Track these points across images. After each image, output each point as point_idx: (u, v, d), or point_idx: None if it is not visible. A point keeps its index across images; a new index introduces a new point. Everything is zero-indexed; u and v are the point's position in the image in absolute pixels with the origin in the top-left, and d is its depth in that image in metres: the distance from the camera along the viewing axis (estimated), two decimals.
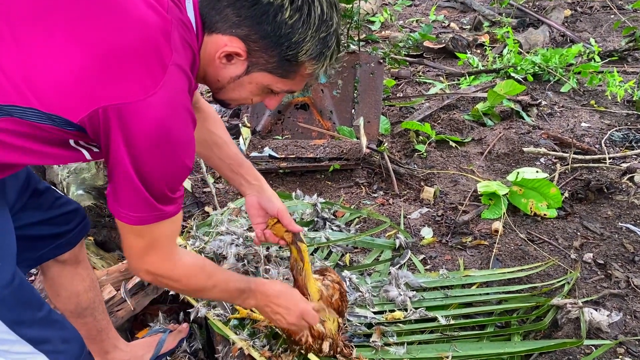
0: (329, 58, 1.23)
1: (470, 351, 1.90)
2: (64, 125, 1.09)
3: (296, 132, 3.83)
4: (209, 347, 2.09)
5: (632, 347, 2.04)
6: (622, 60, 5.31)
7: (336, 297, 1.76)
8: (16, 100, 1.05)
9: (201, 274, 1.40)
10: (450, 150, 3.74)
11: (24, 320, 1.26)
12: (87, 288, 1.71)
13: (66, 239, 1.59)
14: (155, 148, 1.09)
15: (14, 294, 1.23)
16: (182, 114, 1.13)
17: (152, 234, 1.22)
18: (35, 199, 1.49)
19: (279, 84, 1.26)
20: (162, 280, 1.34)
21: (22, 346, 1.26)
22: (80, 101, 1.06)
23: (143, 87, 1.06)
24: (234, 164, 1.69)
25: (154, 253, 1.26)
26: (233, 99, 1.33)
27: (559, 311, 2.14)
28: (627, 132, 3.89)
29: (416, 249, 2.68)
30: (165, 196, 1.17)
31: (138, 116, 1.06)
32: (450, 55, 5.68)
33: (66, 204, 1.59)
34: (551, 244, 2.68)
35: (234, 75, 1.24)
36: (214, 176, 3.41)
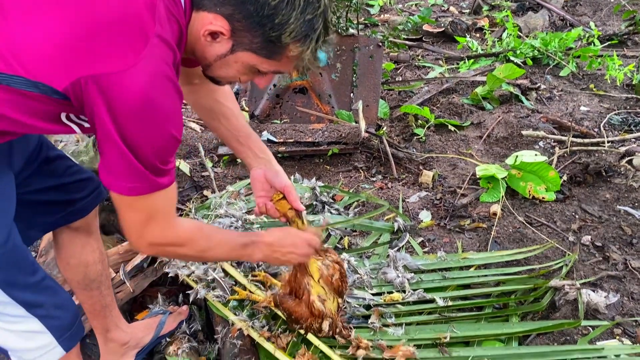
0: (314, 41, 1.22)
1: (468, 332, 1.91)
2: (50, 93, 1.10)
3: (295, 116, 3.81)
4: (209, 328, 2.10)
5: (629, 328, 2.05)
6: (621, 44, 5.29)
7: (336, 277, 1.76)
8: (2, 68, 1.07)
9: (201, 234, 1.40)
10: (449, 134, 3.73)
11: (16, 282, 1.27)
12: (96, 260, 1.74)
13: (79, 206, 1.61)
14: (138, 118, 1.09)
15: (7, 255, 1.25)
16: (164, 85, 1.13)
17: (148, 206, 1.22)
18: (47, 166, 1.51)
19: (264, 64, 1.25)
20: (167, 249, 1.35)
21: (15, 308, 1.28)
22: (63, 70, 1.07)
23: (124, 58, 1.07)
24: (241, 136, 1.69)
25: (153, 225, 1.26)
26: (221, 77, 1.33)
27: (556, 293, 2.15)
28: (626, 115, 3.89)
29: (415, 232, 2.69)
30: (156, 167, 1.17)
31: (119, 86, 1.07)
32: (449, 39, 5.65)
33: (79, 172, 1.61)
34: (549, 227, 2.68)
35: (220, 54, 1.24)
36: (212, 160, 3.40)
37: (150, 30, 1.11)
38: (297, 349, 1.80)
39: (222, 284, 2.01)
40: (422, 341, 1.87)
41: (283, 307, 1.74)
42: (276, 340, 1.83)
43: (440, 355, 1.80)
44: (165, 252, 1.40)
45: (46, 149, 1.52)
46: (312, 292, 1.69)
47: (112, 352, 1.87)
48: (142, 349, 1.95)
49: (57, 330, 1.36)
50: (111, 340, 1.85)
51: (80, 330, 1.44)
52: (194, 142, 3.48)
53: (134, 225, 1.26)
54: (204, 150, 3.39)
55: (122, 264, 2.12)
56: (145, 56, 1.09)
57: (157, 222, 1.26)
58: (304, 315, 1.71)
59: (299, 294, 1.70)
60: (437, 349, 1.83)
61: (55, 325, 1.35)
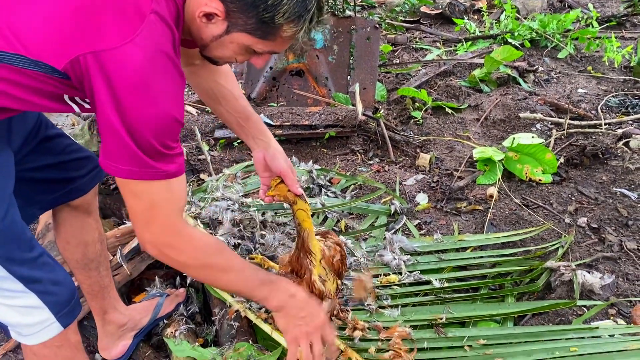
0: (308, 21, 1.21)
1: (464, 313, 1.92)
2: (50, 72, 1.11)
3: (291, 99, 3.80)
4: (206, 310, 2.11)
5: (624, 308, 2.07)
6: (620, 25, 5.27)
7: (337, 259, 1.77)
8: (3, 47, 1.08)
9: (209, 248, 1.34)
10: (446, 117, 3.73)
11: (14, 257, 1.28)
12: (95, 239, 1.74)
13: (78, 184, 1.62)
14: (135, 94, 1.09)
15: (5, 231, 1.26)
16: (162, 62, 1.13)
17: (149, 194, 1.20)
18: (46, 144, 1.52)
19: (259, 45, 1.25)
20: (166, 252, 1.28)
21: (13, 283, 1.29)
22: (61, 48, 1.08)
23: (121, 34, 1.08)
24: (241, 118, 1.68)
25: (155, 220, 1.23)
26: (218, 57, 1.33)
27: (552, 274, 2.16)
28: (624, 97, 3.88)
29: (411, 214, 2.69)
30: (156, 150, 1.15)
31: (117, 62, 1.07)
32: (447, 21, 5.61)
33: (78, 151, 1.62)
34: (546, 209, 2.69)
35: (215, 35, 1.24)
36: (208, 144, 3.39)
37: (147, 6, 1.11)
38: None
39: None
40: (418, 322, 1.88)
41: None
42: (273, 322, 1.84)
43: (436, 335, 1.82)
44: (166, 257, 1.30)
45: (45, 128, 1.53)
46: (314, 272, 1.70)
47: (109, 334, 1.88)
48: (140, 330, 1.96)
49: (55, 306, 1.36)
50: (109, 322, 1.86)
51: (78, 307, 1.45)
52: (190, 126, 3.47)
53: (137, 215, 1.24)
54: (200, 134, 3.38)
55: (119, 246, 2.13)
56: (143, 31, 1.09)
57: (158, 217, 1.23)
58: None
59: (300, 274, 1.71)
60: (433, 330, 1.84)
61: (52, 301, 1.36)
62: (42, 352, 1.41)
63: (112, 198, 2.55)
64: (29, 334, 1.37)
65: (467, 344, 1.78)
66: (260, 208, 2.32)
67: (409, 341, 1.77)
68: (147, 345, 2.00)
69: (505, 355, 1.72)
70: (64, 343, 1.42)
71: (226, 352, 1.76)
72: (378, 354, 1.73)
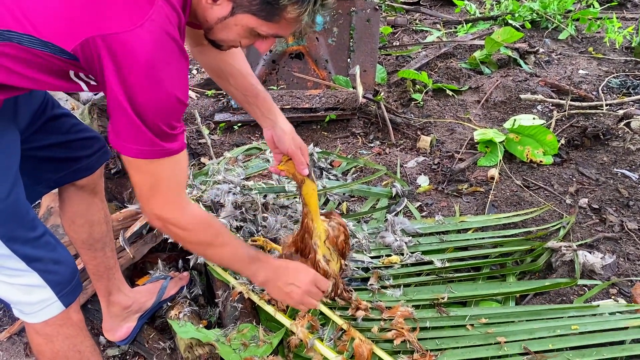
0: (312, 3, 1.21)
1: (466, 292, 1.94)
2: (59, 53, 1.11)
3: (291, 82, 3.78)
4: (209, 293, 2.12)
5: (624, 288, 2.08)
6: (621, 6, 5.23)
7: (341, 239, 1.78)
8: (13, 26, 1.09)
9: (209, 228, 1.41)
10: (447, 99, 3.71)
11: (16, 236, 1.30)
12: (101, 220, 1.76)
13: (84, 164, 1.64)
14: (145, 76, 1.11)
15: (7, 209, 1.27)
16: (170, 45, 1.14)
17: (155, 171, 1.23)
18: (52, 123, 1.54)
19: (263, 27, 1.25)
20: (170, 228, 1.34)
21: (16, 262, 1.30)
22: (71, 30, 1.09)
23: (131, 18, 1.09)
24: (249, 95, 1.69)
25: (159, 194, 1.27)
26: (223, 40, 1.33)
27: (553, 254, 2.17)
28: (625, 78, 3.87)
29: (412, 196, 2.69)
30: (162, 130, 1.18)
31: (126, 46, 1.08)
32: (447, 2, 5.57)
33: (84, 131, 1.63)
34: (547, 190, 2.69)
35: (220, 17, 1.24)
36: (209, 127, 3.39)
37: None
38: (297, 311, 1.82)
39: None
40: (420, 302, 1.89)
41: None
42: (276, 303, 1.85)
43: (438, 315, 1.83)
44: (169, 231, 1.37)
45: (51, 107, 1.54)
46: (318, 252, 1.71)
47: (114, 316, 1.89)
48: (144, 313, 1.98)
49: (56, 284, 1.38)
50: (113, 304, 1.87)
51: (79, 287, 1.47)
52: (191, 110, 3.46)
53: (142, 191, 1.28)
54: (201, 118, 3.37)
55: (122, 230, 2.13)
56: (152, 16, 1.10)
57: (162, 192, 1.27)
58: None
59: (305, 253, 1.72)
60: (435, 309, 1.86)
61: (54, 280, 1.37)
62: (45, 330, 1.43)
63: (113, 182, 2.55)
64: (30, 312, 1.39)
65: (469, 323, 1.79)
66: (261, 191, 2.32)
67: (412, 321, 1.78)
68: (151, 327, 2.02)
69: (507, 334, 1.74)
70: (66, 322, 1.44)
71: (230, 333, 1.77)
72: (381, 333, 1.74)
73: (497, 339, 1.72)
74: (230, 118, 3.39)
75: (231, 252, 1.47)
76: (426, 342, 1.73)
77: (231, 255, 1.47)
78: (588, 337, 1.73)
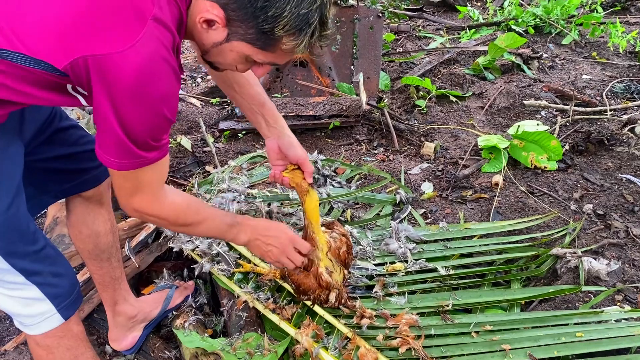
0: (309, 35, 1.20)
1: (471, 299, 1.93)
2: (51, 70, 1.12)
3: (295, 90, 3.80)
4: (214, 301, 2.13)
5: (630, 295, 2.07)
6: (625, 10, 5.23)
7: (343, 250, 1.79)
8: (5, 45, 1.09)
9: (188, 210, 1.43)
10: (450, 105, 3.72)
11: (16, 250, 1.30)
12: (107, 231, 1.77)
13: (91, 175, 1.66)
14: (133, 98, 1.11)
15: (8, 222, 1.27)
16: (161, 67, 1.13)
17: (137, 179, 1.26)
18: (60, 135, 1.55)
19: (259, 55, 1.26)
20: (148, 218, 1.39)
21: (14, 276, 1.31)
22: (61, 50, 1.09)
23: (121, 39, 1.08)
24: (255, 104, 1.69)
25: (140, 195, 1.30)
26: (219, 63, 1.33)
27: (558, 261, 2.16)
28: (629, 83, 3.86)
29: (417, 203, 2.70)
30: (148, 145, 1.20)
31: (116, 67, 1.08)
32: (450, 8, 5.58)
33: (92, 142, 1.63)
34: (551, 196, 2.69)
35: (216, 41, 1.24)
36: (213, 135, 3.40)
37: (149, 12, 1.11)
38: (302, 320, 1.82)
39: (226, 258, 2.04)
40: (425, 309, 1.89)
41: (291, 279, 1.77)
42: (281, 312, 1.86)
43: (443, 322, 1.83)
44: (147, 220, 1.44)
45: (59, 119, 1.56)
46: (320, 265, 1.71)
47: (120, 325, 1.90)
48: (150, 322, 1.99)
49: (55, 298, 1.39)
50: (119, 314, 1.88)
51: (79, 299, 1.48)
52: (195, 118, 3.48)
53: (123, 192, 1.30)
54: (205, 126, 3.39)
55: (127, 239, 2.14)
56: (143, 38, 1.09)
57: (143, 193, 1.30)
58: (312, 287, 1.74)
59: (307, 266, 1.72)
60: (439, 317, 1.86)
61: (53, 293, 1.38)
62: (45, 342, 1.45)
63: None
64: (30, 324, 1.40)
65: (473, 331, 1.79)
66: (266, 199, 2.33)
67: (416, 328, 1.78)
68: (156, 336, 2.03)
69: (512, 341, 1.73)
70: (66, 333, 1.45)
71: (235, 342, 1.78)
72: (386, 341, 1.74)
73: (502, 346, 1.71)
74: (234, 126, 3.40)
75: (212, 224, 1.50)
76: (431, 350, 1.73)
77: (213, 226, 1.51)
78: (593, 344, 1.72)
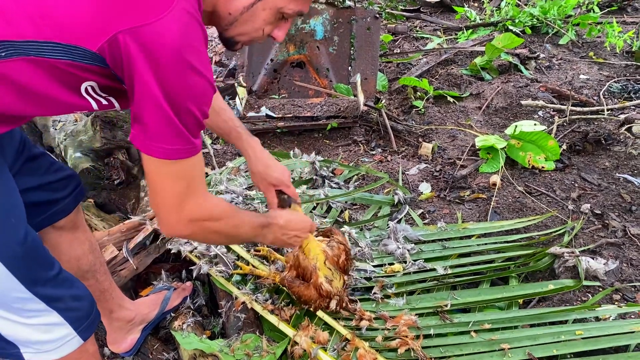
0: None
1: (469, 298, 1.93)
2: (82, 58, 1.08)
3: (293, 91, 3.80)
4: (212, 303, 2.13)
5: (628, 294, 2.08)
6: (621, 10, 5.24)
7: (342, 258, 1.80)
8: (33, 35, 1.05)
9: (232, 209, 1.38)
10: (448, 106, 3.72)
11: (37, 278, 1.26)
12: (86, 251, 1.71)
13: (62, 205, 1.58)
14: (177, 64, 1.08)
15: (28, 252, 1.23)
16: (196, 31, 1.12)
17: (190, 171, 1.18)
18: (31, 164, 1.47)
19: (290, 5, 1.25)
20: (205, 225, 1.27)
21: (36, 304, 1.26)
22: (97, 29, 1.06)
23: (157, 8, 1.06)
24: (224, 134, 1.74)
25: (192, 196, 1.22)
26: (244, 33, 1.30)
27: (556, 260, 2.16)
28: (626, 83, 3.87)
29: (415, 204, 2.70)
30: (195, 121, 1.15)
31: (156, 35, 1.06)
32: (447, 9, 5.59)
33: (61, 170, 1.57)
34: (549, 196, 2.69)
35: (247, 4, 1.23)
36: (211, 137, 3.40)
37: None
38: (300, 321, 1.82)
39: (224, 259, 2.03)
40: (424, 310, 1.89)
41: (292, 290, 1.80)
42: (280, 313, 1.85)
43: (442, 322, 1.83)
44: (204, 229, 1.29)
45: (29, 147, 1.47)
46: (320, 275, 1.73)
47: (118, 329, 1.89)
48: (148, 324, 1.98)
49: (75, 321, 1.35)
50: (116, 320, 1.87)
51: (97, 318, 1.43)
52: None
53: (174, 199, 1.20)
54: None
55: (125, 241, 2.14)
56: (176, 6, 1.08)
57: (196, 192, 1.22)
58: (312, 297, 1.76)
59: (306, 277, 1.73)
60: (438, 317, 1.86)
61: (73, 317, 1.34)
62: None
63: (117, 193, 2.56)
64: (49, 349, 1.34)
65: (472, 330, 1.79)
66: (264, 200, 2.33)
67: (415, 329, 1.78)
68: (155, 338, 2.02)
69: (511, 341, 1.73)
70: (83, 354, 1.41)
71: (233, 343, 1.77)
72: (385, 342, 1.74)
73: (501, 345, 1.71)
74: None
75: (249, 226, 1.44)
76: (430, 350, 1.73)
77: (250, 229, 1.45)
78: (592, 342, 1.72)
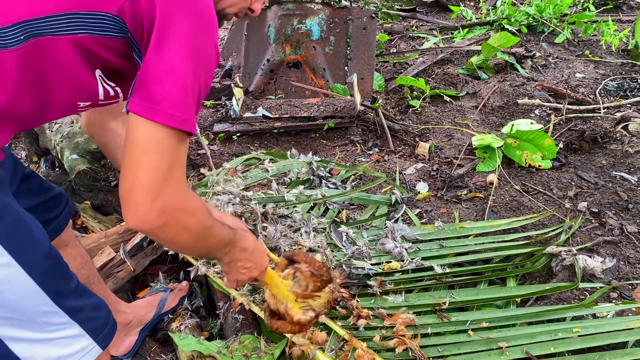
0: None
1: (467, 297, 1.93)
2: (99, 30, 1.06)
3: (289, 91, 3.80)
4: (210, 304, 2.12)
5: (625, 292, 2.08)
6: (616, 8, 5.25)
7: (311, 287, 1.67)
8: (52, 9, 1.03)
9: (206, 208, 1.23)
10: (444, 105, 3.72)
11: (63, 290, 1.23)
12: (78, 266, 1.70)
13: (55, 224, 1.56)
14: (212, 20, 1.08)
15: (54, 265, 1.21)
16: None
17: (177, 149, 1.08)
18: (25, 184, 1.46)
19: None
20: (178, 217, 1.10)
21: (61, 317, 1.24)
22: None
23: None
24: None
25: (172, 179, 1.07)
26: (233, 4, 1.29)
27: (553, 259, 2.17)
28: (622, 81, 3.88)
29: (412, 203, 2.70)
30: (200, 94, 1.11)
31: None
32: (443, 8, 5.59)
33: (50, 189, 1.55)
34: (546, 195, 2.69)
35: None
36: (208, 138, 3.40)
37: None
38: None
39: None
40: (421, 308, 1.89)
41: (272, 328, 1.66)
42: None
43: (439, 320, 1.83)
44: (177, 221, 1.10)
45: (20, 165, 1.45)
46: (293, 312, 1.62)
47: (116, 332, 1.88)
48: (146, 326, 1.98)
49: (95, 331, 1.33)
50: None
51: (114, 326, 1.41)
52: None
53: (153, 176, 1.05)
54: (200, 128, 3.38)
55: (122, 243, 2.14)
56: None
57: (176, 177, 1.08)
58: (296, 330, 1.65)
59: (282, 317, 1.63)
60: (436, 315, 1.86)
61: (93, 327, 1.32)
62: None
63: (113, 195, 2.56)
64: None
65: (470, 328, 1.79)
66: (261, 201, 2.33)
67: (413, 327, 1.78)
68: (153, 340, 2.02)
69: (509, 339, 1.73)
70: None
71: (231, 344, 1.77)
72: (383, 342, 1.74)
73: (498, 344, 1.72)
74: (229, 128, 3.40)
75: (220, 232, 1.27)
76: (428, 350, 1.73)
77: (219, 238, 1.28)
78: (589, 340, 1.73)
